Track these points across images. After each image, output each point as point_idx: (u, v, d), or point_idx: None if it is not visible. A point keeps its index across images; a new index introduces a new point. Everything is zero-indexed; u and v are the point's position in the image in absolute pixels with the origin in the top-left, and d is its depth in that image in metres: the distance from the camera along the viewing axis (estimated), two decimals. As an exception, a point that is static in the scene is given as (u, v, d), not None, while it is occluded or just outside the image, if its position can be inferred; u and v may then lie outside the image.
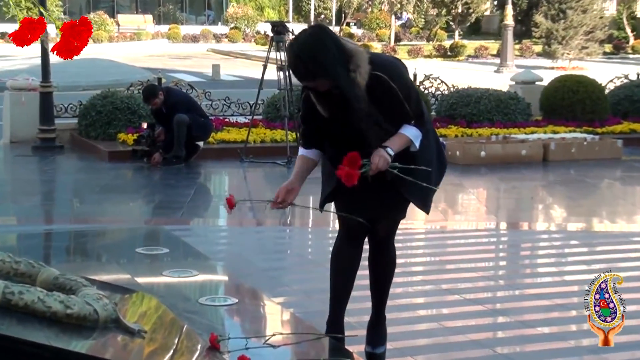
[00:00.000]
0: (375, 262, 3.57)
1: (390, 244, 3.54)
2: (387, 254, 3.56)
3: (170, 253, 4.02)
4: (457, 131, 10.69)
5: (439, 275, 5.11)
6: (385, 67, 3.15)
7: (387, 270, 3.58)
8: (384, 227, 3.48)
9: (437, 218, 7.03)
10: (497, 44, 26.35)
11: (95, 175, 8.79)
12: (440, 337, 4.01)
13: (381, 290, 3.60)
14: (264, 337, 2.78)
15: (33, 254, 4.01)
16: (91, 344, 2.40)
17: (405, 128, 3.23)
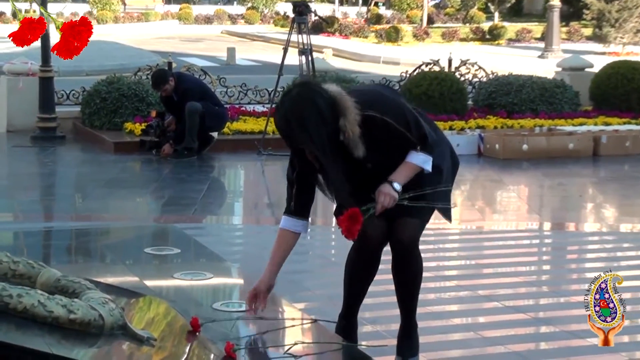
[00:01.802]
0: (398, 270, 3.59)
1: (414, 251, 3.56)
2: (411, 263, 3.57)
3: (182, 254, 4.03)
4: (497, 122, 10.64)
5: (475, 280, 5.09)
6: (372, 104, 3.25)
7: (413, 279, 3.59)
8: (407, 226, 3.50)
9: (474, 217, 7.00)
10: (542, 27, 26.15)
11: (100, 168, 8.84)
12: (476, 348, 3.99)
13: (408, 299, 3.62)
14: (284, 346, 2.78)
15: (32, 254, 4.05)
16: (96, 352, 2.41)
17: (412, 156, 3.35)
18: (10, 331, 2.25)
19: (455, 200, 7.86)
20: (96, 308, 2.40)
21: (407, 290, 3.60)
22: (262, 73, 16.09)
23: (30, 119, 10.35)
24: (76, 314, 2.33)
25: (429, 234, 6.31)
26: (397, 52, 22.34)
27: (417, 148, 3.33)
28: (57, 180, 8.84)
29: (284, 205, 3.61)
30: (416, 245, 3.56)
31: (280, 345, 2.82)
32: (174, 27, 31.56)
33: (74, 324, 2.33)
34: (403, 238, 3.50)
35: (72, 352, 2.29)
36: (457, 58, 12.39)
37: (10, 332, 2.25)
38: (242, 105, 11.14)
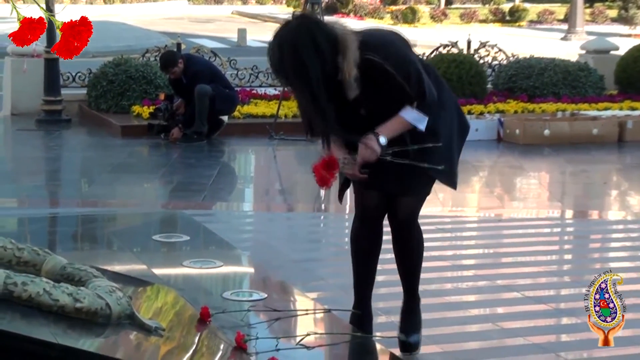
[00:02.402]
0: (399, 246, 3.61)
1: (413, 225, 3.58)
2: (410, 237, 3.59)
3: (191, 241, 4.04)
4: (517, 106, 10.59)
5: (494, 269, 5.08)
6: (377, 48, 3.21)
7: (414, 254, 3.62)
8: (404, 204, 3.51)
9: (493, 205, 6.98)
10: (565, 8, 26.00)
11: (107, 152, 8.86)
12: (495, 339, 3.99)
13: (410, 275, 3.65)
14: (297, 337, 2.78)
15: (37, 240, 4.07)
16: (102, 342, 2.42)
17: (405, 111, 3.29)
18: (15, 320, 2.26)
19: (473, 187, 7.84)
20: (103, 297, 2.40)
21: (408, 266, 3.63)
22: (274, 55, 16.00)
23: (35, 101, 10.37)
24: (82, 303, 2.34)
25: (446, 221, 6.31)
26: (413, 34, 22.20)
27: (414, 104, 3.27)
28: (62, 164, 8.86)
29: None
30: (414, 220, 3.57)
31: (292, 335, 2.82)
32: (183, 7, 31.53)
33: (80, 313, 2.34)
34: (401, 218, 3.53)
35: (78, 342, 2.30)
36: (476, 40, 12.34)
37: (15, 321, 2.26)
38: (253, 88, 11.14)
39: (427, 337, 3.91)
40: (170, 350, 2.51)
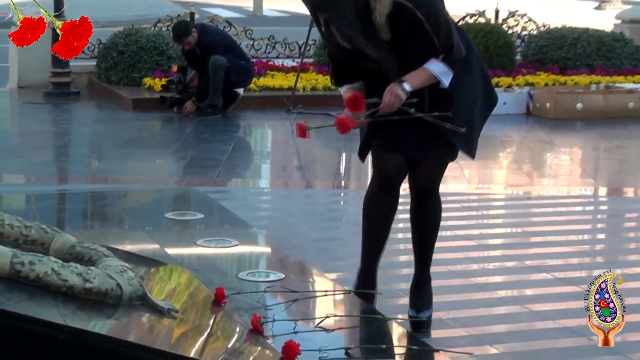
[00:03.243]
0: (416, 214, 3.64)
1: (433, 194, 3.61)
2: (429, 206, 3.62)
3: (205, 219, 4.05)
4: (548, 79, 10.52)
5: (522, 249, 5.07)
6: None
7: (430, 225, 3.65)
8: (424, 170, 3.54)
9: (521, 182, 6.95)
10: (598, -27, 25.73)
11: (117, 126, 8.88)
12: (523, 322, 3.98)
13: (424, 247, 3.68)
14: (315, 319, 2.78)
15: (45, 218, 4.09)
16: (113, 324, 2.43)
17: (431, 63, 3.33)
18: (22, 301, 2.27)
19: (500, 163, 7.81)
20: (114, 277, 2.41)
21: (423, 237, 3.66)
22: (292, 25, 16.01)
23: (43, 74, 10.40)
24: (92, 283, 2.35)
25: (472, 199, 6.29)
26: (438, 2, 22.08)
27: (440, 57, 3.31)
28: (71, 139, 8.89)
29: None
30: (435, 188, 3.61)
31: (310, 318, 2.83)
32: (196, -25, 31.39)
33: (90, 294, 2.35)
34: (421, 184, 3.57)
35: (88, 324, 2.31)
36: (504, 9, 12.24)
37: (22, 302, 2.27)
38: (269, 60, 11.11)
39: (452, 319, 3.90)
40: (183, 332, 2.51)
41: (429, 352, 2.58)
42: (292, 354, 2.37)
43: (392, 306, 3.93)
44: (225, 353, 2.45)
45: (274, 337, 2.58)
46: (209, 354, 2.40)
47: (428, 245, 3.68)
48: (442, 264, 4.63)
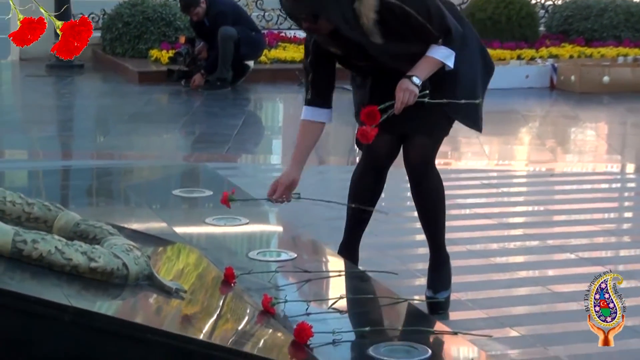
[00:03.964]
0: (415, 194, 3.70)
1: (429, 171, 3.65)
2: (428, 183, 3.66)
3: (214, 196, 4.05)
4: (573, 51, 10.47)
5: (545, 228, 5.06)
6: None
7: (433, 202, 3.69)
8: (418, 145, 3.59)
9: (544, 158, 6.94)
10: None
11: (123, 100, 8.89)
12: (545, 304, 3.98)
13: (431, 225, 3.72)
14: (328, 300, 2.79)
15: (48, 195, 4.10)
16: (119, 304, 2.44)
17: (433, 49, 3.39)
18: (25, 281, 2.28)
19: (522, 138, 7.79)
20: (119, 256, 2.42)
21: (428, 216, 3.71)
22: (305, -7, 15.93)
23: (46, 45, 10.36)
24: (97, 262, 2.36)
25: (492, 176, 6.27)
26: (458, -31, 22.00)
27: (439, 42, 3.36)
28: (75, 113, 8.91)
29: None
30: (431, 166, 3.65)
31: (323, 299, 2.83)
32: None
33: (95, 274, 2.36)
34: (415, 161, 3.60)
35: (93, 304, 2.32)
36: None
37: (25, 281, 2.28)
38: (281, 31, 11.09)
39: (471, 301, 3.91)
40: (192, 314, 2.52)
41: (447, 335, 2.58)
42: (305, 336, 2.38)
43: (409, 287, 3.94)
44: (235, 335, 2.46)
45: (286, 318, 2.58)
46: (218, 336, 2.41)
47: (436, 223, 3.72)
48: (461, 244, 4.63)
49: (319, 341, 2.41)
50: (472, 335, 2.70)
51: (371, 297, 2.92)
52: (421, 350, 2.42)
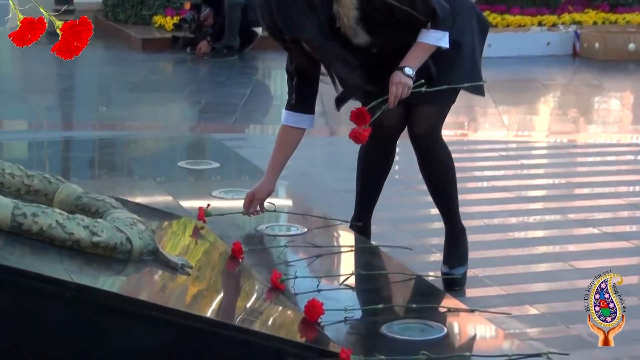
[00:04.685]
0: (422, 166, 3.70)
1: (435, 142, 3.65)
2: (434, 155, 3.67)
3: (221, 168, 4.06)
4: (597, 17, 10.41)
5: (566, 202, 5.06)
6: None
7: (441, 174, 3.69)
8: (423, 115, 3.59)
9: (566, 129, 6.91)
10: None
11: (126, 68, 8.88)
12: (566, 280, 3.98)
13: (442, 198, 3.73)
14: (339, 276, 2.79)
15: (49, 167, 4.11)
16: (123, 280, 2.45)
17: (423, 35, 3.37)
18: (25, 256, 2.29)
19: (543, 108, 7.77)
20: (123, 230, 2.42)
21: (440, 190, 3.72)
22: (315, -44, 15.87)
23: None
24: (100, 237, 2.36)
25: (511, 147, 6.26)
26: None
27: (428, 25, 3.34)
28: (76, 82, 8.91)
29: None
30: (436, 137, 3.64)
31: (335, 275, 2.83)
32: None
33: (97, 248, 2.36)
34: (419, 132, 3.60)
35: (96, 280, 2.33)
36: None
37: (25, 256, 2.28)
38: (291, -5, 11.04)
39: (488, 277, 3.91)
40: (198, 290, 2.53)
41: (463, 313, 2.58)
42: (315, 313, 2.39)
43: (423, 262, 3.94)
44: (243, 312, 2.47)
45: (296, 295, 2.59)
46: (225, 313, 2.42)
47: (447, 195, 3.72)
48: (478, 218, 4.63)
49: (330, 319, 2.42)
50: (490, 313, 2.70)
51: (384, 273, 2.93)
52: (436, 329, 2.42)
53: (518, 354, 2.29)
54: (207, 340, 2.15)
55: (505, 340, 2.60)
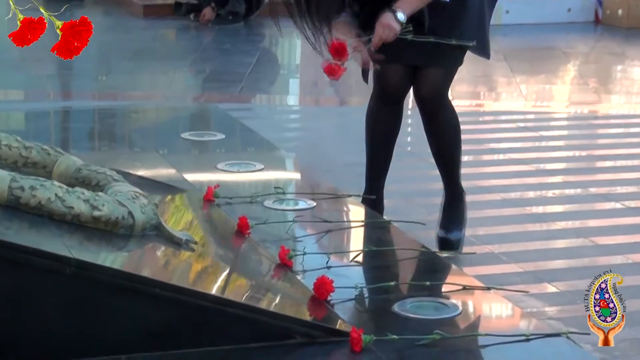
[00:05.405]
0: (429, 129, 3.75)
1: (442, 104, 3.69)
2: (441, 117, 3.70)
3: (226, 140, 4.05)
4: (619, -21, 10.34)
5: (587, 175, 5.05)
6: None
7: (446, 137, 3.73)
8: (430, 77, 3.61)
9: (587, 99, 6.90)
10: None
11: (127, 35, 8.87)
12: (587, 257, 3.99)
13: (446, 162, 3.79)
14: (350, 253, 2.80)
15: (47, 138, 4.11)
16: (125, 256, 2.46)
17: None
18: (22, 231, 2.29)
19: (563, 77, 7.74)
20: (125, 204, 2.43)
21: (443, 152, 3.77)
22: None
23: (42, -24, 10.37)
24: (101, 211, 2.37)
25: (529, 118, 6.25)
26: None
27: None
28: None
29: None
30: (443, 98, 3.68)
31: (345, 251, 2.84)
32: None
33: (98, 223, 2.37)
34: (425, 94, 3.63)
35: (97, 256, 2.33)
36: None
37: (22, 231, 2.29)
38: (299, -42, 11.00)
39: (505, 254, 3.92)
40: (203, 267, 2.54)
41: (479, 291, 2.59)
42: (325, 291, 2.39)
43: (438, 239, 3.94)
44: (249, 290, 2.47)
45: (304, 272, 2.59)
46: (231, 291, 2.43)
47: (451, 160, 3.77)
48: (495, 192, 4.63)
49: (340, 297, 2.42)
50: (507, 291, 2.70)
51: (396, 249, 2.93)
52: (451, 307, 2.43)
53: (536, 333, 2.29)
54: (212, 319, 2.16)
55: (523, 319, 2.60)
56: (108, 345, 2.10)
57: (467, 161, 5.31)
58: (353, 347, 2.15)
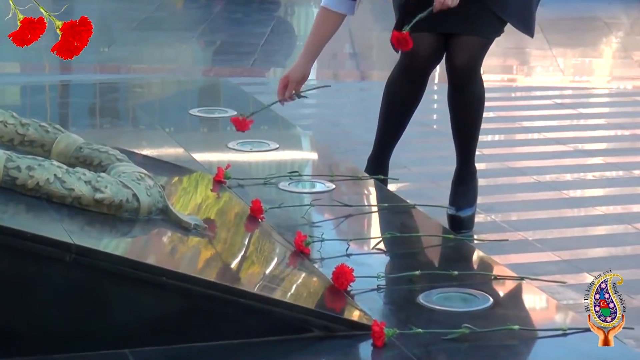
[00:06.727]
0: (455, 100, 3.81)
1: (474, 75, 3.75)
2: (470, 89, 3.77)
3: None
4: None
5: (630, 156, 5.04)
6: None
7: (472, 110, 3.81)
8: (465, 45, 3.66)
9: (630, 74, 6.87)
10: None
11: (130, 4, 8.88)
12: (630, 245, 3.98)
13: (466, 136, 3.86)
14: (371, 239, 2.80)
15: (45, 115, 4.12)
16: (129, 242, 2.47)
17: None
18: (19, 214, 2.30)
19: (604, 51, 7.70)
20: (129, 186, 2.43)
21: (467, 128, 3.84)
22: None
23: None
24: (103, 193, 2.37)
25: (567, 94, 6.22)
26: None
27: None
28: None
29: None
30: (476, 70, 3.74)
31: (366, 238, 2.84)
32: None
33: (100, 206, 2.37)
34: (459, 63, 3.69)
35: (99, 242, 2.34)
36: None
37: (19, 215, 2.30)
38: None
39: (539, 241, 3.91)
40: (213, 254, 2.55)
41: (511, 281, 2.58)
42: (345, 280, 2.39)
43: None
44: (263, 279, 2.48)
45: (322, 260, 2.60)
46: (244, 280, 2.43)
47: (471, 133, 3.84)
48: (529, 174, 4.62)
49: (361, 287, 2.43)
50: (542, 282, 2.70)
51: (422, 235, 2.93)
52: (480, 299, 2.43)
53: (574, 327, 2.29)
54: (223, 310, 2.16)
55: (559, 312, 2.60)
56: (110, 339, 2.11)
57: (497, 140, 5.31)
58: (375, 341, 2.15)
